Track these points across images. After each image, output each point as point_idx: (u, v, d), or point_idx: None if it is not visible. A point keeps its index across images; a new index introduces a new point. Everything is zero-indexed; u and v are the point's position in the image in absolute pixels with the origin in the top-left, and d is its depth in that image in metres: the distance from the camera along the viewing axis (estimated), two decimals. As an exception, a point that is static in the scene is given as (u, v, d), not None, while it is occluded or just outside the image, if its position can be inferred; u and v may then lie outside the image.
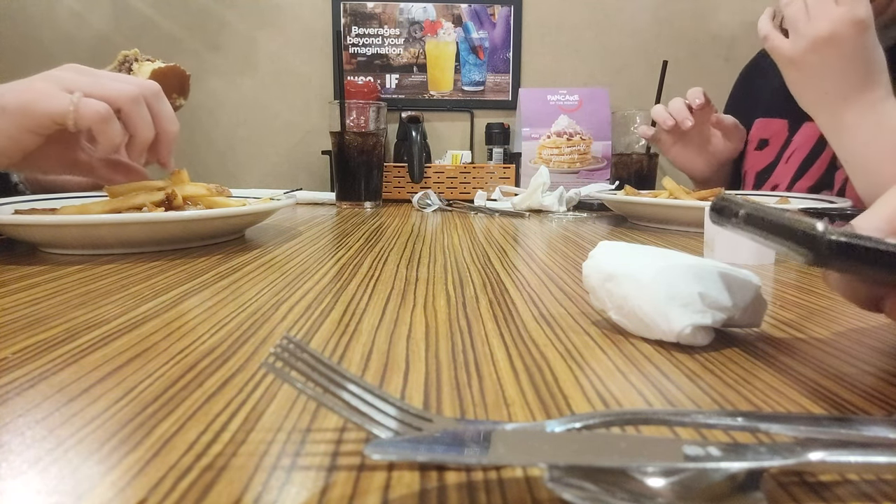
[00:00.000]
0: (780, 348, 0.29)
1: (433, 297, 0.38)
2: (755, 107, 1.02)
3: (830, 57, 0.65)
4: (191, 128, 1.43)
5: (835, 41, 0.64)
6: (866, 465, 0.16)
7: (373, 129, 1.01)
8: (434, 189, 1.12)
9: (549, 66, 1.46)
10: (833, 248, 0.20)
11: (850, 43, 0.64)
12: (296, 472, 0.17)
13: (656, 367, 0.26)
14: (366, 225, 0.77)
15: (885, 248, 0.20)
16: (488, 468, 0.17)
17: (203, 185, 0.61)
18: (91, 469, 0.17)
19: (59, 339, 0.29)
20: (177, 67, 0.76)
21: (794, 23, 0.67)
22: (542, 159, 1.18)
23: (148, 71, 0.73)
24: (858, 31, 0.63)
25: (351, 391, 0.19)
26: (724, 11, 1.43)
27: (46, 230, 0.52)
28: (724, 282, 0.29)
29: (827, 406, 0.22)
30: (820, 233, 0.20)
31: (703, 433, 0.20)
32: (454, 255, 0.54)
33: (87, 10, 1.38)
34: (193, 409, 0.21)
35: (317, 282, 0.42)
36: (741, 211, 0.25)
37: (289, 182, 1.44)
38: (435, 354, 0.27)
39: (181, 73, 0.76)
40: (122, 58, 0.74)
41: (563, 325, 0.32)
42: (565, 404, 0.22)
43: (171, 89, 0.76)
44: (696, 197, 0.80)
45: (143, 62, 0.74)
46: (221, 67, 1.43)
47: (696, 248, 0.59)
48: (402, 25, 1.44)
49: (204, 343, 0.28)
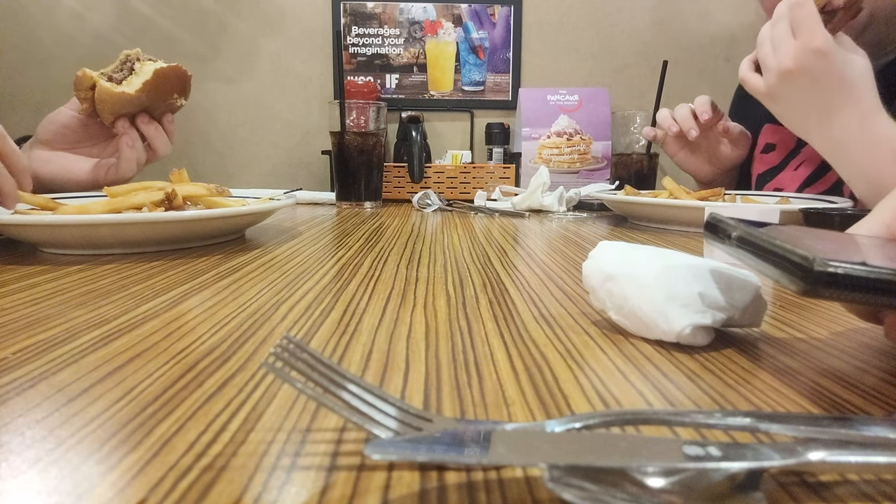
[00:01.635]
0: (780, 348, 0.29)
1: (433, 297, 0.38)
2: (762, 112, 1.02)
3: (801, 86, 0.68)
4: (190, 128, 1.43)
5: (801, 72, 0.67)
6: (866, 465, 0.16)
7: (373, 129, 1.01)
8: (434, 189, 1.12)
9: (549, 66, 1.46)
10: (824, 279, 0.20)
11: (816, 69, 0.66)
12: (296, 472, 0.17)
13: (656, 367, 0.26)
14: (366, 225, 0.77)
15: (878, 276, 0.20)
16: (488, 468, 0.17)
17: (203, 185, 0.61)
18: (91, 469, 0.17)
19: (59, 339, 0.29)
20: (179, 68, 0.75)
21: (764, 61, 0.72)
22: (542, 159, 1.18)
23: (150, 71, 0.73)
24: (819, 58, 0.66)
25: (351, 391, 0.19)
26: (724, 11, 1.43)
27: (46, 230, 0.52)
28: (724, 282, 0.29)
29: (827, 406, 0.22)
30: (811, 263, 0.20)
31: (703, 433, 0.20)
32: (454, 255, 0.54)
33: (87, 11, 1.38)
34: (193, 409, 0.21)
35: (317, 282, 0.42)
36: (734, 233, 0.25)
37: (289, 182, 1.44)
38: (435, 354, 0.27)
39: (183, 73, 0.76)
40: (125, 57, 0.74)
41: (563, 325, 0.32)
42: (565, 404, 0.22)
43: (172, 89, 0.76)
44: (696, 197, 0.80)
45: (144, 62, 0.74)
46: (221, 67, 1.43)
47: (696, 248, 0.59)
48: (402, 25, 1.44)
49: (204, 343, 0.28)
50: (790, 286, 0.21)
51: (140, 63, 0.73)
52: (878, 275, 0.20)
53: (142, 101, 0.73)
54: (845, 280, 0.20)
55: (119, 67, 0.73)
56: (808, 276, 0.20)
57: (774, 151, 0.97)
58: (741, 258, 0.25)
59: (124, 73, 0.73)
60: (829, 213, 0.62)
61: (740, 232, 0.25)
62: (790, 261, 0.21)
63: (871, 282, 0.20)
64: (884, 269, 0.20)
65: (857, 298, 0.20)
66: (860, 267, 0.20)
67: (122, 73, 0.73)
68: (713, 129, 0.96)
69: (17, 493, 0.16)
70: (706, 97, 0.95)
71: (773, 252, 0.22)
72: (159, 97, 0.75)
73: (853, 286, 0.20)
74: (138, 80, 0.72)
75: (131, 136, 0.75)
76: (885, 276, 0.20)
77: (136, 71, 0.73)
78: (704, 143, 0.98)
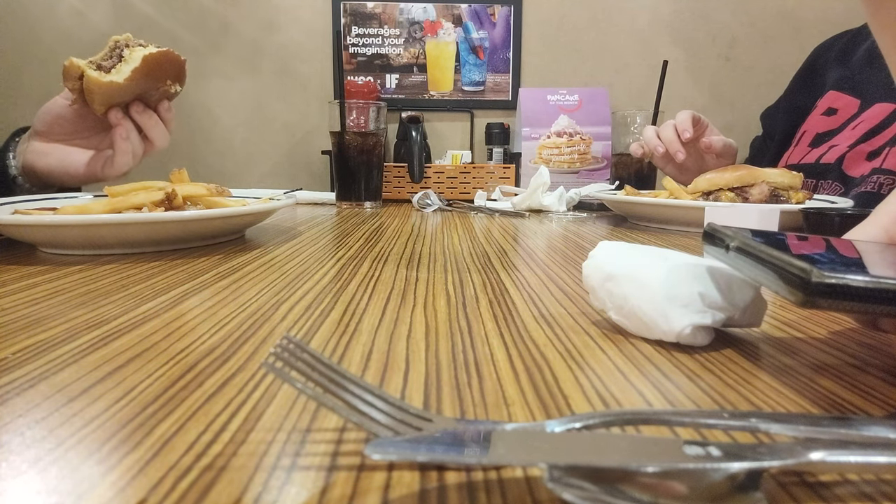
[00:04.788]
0: (780, 348, 0.29)
1: (433, 297, 0.38)
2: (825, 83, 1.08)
3: None
4: (191, 128, 1.43)
5: None
6: (866, 465, 0.16)
7: (373, 129, 1.01)
8: (434, 189, 1.12)
9: (549, 66, 1.46)
10: (823, 290, 0.20)
11: None
12: (296, 472, 0.17)
13: (656, 367, 0.26)
14: (366, 225, 0.77)
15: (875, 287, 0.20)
16: (488, 468, 0.17)
17: (203, 185, 0.61)
18: (91, 469, 0.17)
19: (59, 339, 0.29)
20: (170, 52, 0.70)
21: None
22: (542, 159, 1.18)
23: (139, 57, 0.68)
24: None
25: (351, 391, 0.19)
26: (724, 11, 1.43)
27: (46, 230, 0.52)
28: (725, 282, 0.29)
29: (827, 406, 0.22)
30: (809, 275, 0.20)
31: (703, 433, 0.20)
32: (454, 255, 0.54)
33: (87, 9, 1.38)
34: (193, 409, 0.21)
35: (317, 282, 0.42)
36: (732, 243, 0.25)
37: (289, 182, 1.43)
38: (435, 354, 0.27)
39: (175, 58, 0.71)
40: (113, 43, 0.69)
41: (563, 325, 0.32)
42: (565, 404, 0.22)
43: (165, 76, 0.71)
44: (692, 194, 0.80)
45: (134, 48, 0.68)
46: (221, 67, 1.43)
47: (696, 248, 0.59)
48: (402, 25, 1.44)
49: (204, 343, 0.28)
50: (789, 297, 0.21)
51: (129, 49, 0.68)
52: (875, 285, 0.20)
53: (132, 89, 0.69)
54: (843, 291, 0.20)
55: (108, 55, 0.69)
56: (806, 287, 0.20)
57: (836, 116, 1.00)
58: (739, 268, 0.25)
59: (113, 60, 0.68)
60: (829, 213, 0.62)
61: (738, 242, 0.25)
62: (788, 272, 0.21)
63: (870, 292, 0.20)
64: (882, 278, 0.20)
65: (857, 309, 0.20)
66: (858, 278, 0.20)
67: (112, 61, 0.68)
68: (696, 145, 0.98)
69: (17, 493, 0.16)
70: (687, 113, 0.97)
71: (771, 263, 0.22)
72: (152, 85, 0.71)
73: (851, 297, 0.20)
74: (127, 68, 0.67)
75: (125, 126, 0.71)
76: (883, 286, 0.20)
77: (125, 58, 0.68)
78: (690, 160, 1.00)
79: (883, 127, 0.90)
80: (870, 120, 0.93)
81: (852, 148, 0.92)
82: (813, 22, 1.41)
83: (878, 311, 0.20)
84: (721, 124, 1.08)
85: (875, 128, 0.91)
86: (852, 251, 0.27)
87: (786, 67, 1.24)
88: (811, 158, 0.98)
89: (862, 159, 0.89)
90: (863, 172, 0.88)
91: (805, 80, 1.15)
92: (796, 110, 1.11)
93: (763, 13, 1.43)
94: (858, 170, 0.89)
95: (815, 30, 1.36)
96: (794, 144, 1.05)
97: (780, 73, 1.27)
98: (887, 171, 0.84)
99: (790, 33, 1.42)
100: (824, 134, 1.00)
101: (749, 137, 1.25)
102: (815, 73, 1.13)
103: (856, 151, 0.91)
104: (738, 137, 1.08)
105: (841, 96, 1.01)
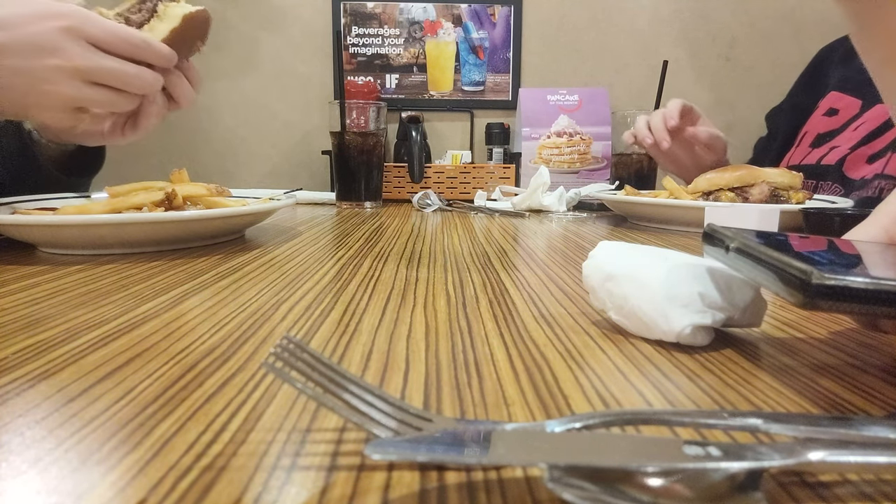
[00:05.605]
0: (780, 348, 0.29)
1: (433, 297, 0.38)
2: (828, 84, 1.08)
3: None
4: (191, 128, 1.43)
5: None
6: (866, 465, 0.16)
7: (373, 129, 1.01)
8: (434, 189, 1.12)
9: (549, 66, 1.46)
10: (823, 292, 0.20)
11: None
12: (296, 472, 0.17)
13: (656, 367, 0.26)
14: (366, 225, 0.77)
15: (876, 288, 0.20)
16: (488, 468, 0.17)
17: (203, 185, 0.61)
18: (91, 469, 0.17)
19: (59, 339, 0.29)
20: (205, 11, 0.64)
21: None
22: (542, 159, 1.18)
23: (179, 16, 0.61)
24: None
25: (351, 391, 0.19)
26: (724, 11, 1.43)
27: (46, 230, 0.52)
28: (725, 282, 0.29)
29: (827, 406, 0.22)
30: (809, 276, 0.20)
31: (703, 433, 0.20)
32: (454, 255, 0.54)
33: (87, 6, 1.38)
34: (193, 409, 0.21)
35: (317, 282, 0.42)
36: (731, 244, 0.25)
37: (289, 182, 1.44)
38: (435, 354, 0.27)
39: (207, 16, 0.65)
40: None
41: (563, 325, 0.32)
42: (565, 404, 0.22)
43: (196, 36, 0.65)
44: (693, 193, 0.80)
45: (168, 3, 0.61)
46: (222, 67, 1.43)
47: (695, 248, 0.59)
48: (402, 25, 1.44)
49: (204, 343, 0.28)
50: (789, 299, 0.21)
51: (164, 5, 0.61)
52: (876, 286, 0.20)
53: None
54: (844, 293, 0.20)
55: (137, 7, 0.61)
56: (806, 289, 0.20)
57: (837, 116, 1.01)
58: (739, 269, 0.25)
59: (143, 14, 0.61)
60: (829, 213, 0.62)
61: (738, 243, 0.25)
62: (788, 273, 0.21)
63: (870, 293, 0.20)
64: (882, 280, 0.20)
65: (857, 310, 0.20)
66: (858, 279, 0.20)
67: (142, 15, 0.61)
68: (681, 135, 0.99)
69: (17, 493, 0.16)
70: (677, 102, 0.97)
71: (771, 264, 0.22)
72: (185, 46, 0.64)
73: (852, 298, 0.20)
74: (164, 27, 0.60)
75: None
76: (884, 288, 0.20)
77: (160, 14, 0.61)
78: (680, 150, 1.01)
79: (884, 129, 0.90)
80: (871, 121, 0.93)
81: (853, 150, 0.92)
82: (813, 22, 1.41)
83: (879, 313, 0.20)
84: (721, 124, 1.08)
85: (876, 130, 0.92)
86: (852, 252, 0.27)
87: (786, 67, 1.24)
88: (812, 159, 0.98)
89: (862, 162, 0.90)
90: (863, 175, 0.88)
91: (808, 81, 1.15)
92: (799, 111, 1.11)
93: (763, 13, 1.43)
94: (859, 172, 0.89)
95: (816, 30, 1.36)
96: (796, 145, 1.06)
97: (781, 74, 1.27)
98: (889, 176, 0.84)
99: (790, 33, 1.42)
100: (825, 134, 1.01)
101: (749, 137, 1.25)
102: (818, 74, 1.14)
103: (856, 154, 0.91)
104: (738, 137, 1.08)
105: (842, 97, 1.02)
